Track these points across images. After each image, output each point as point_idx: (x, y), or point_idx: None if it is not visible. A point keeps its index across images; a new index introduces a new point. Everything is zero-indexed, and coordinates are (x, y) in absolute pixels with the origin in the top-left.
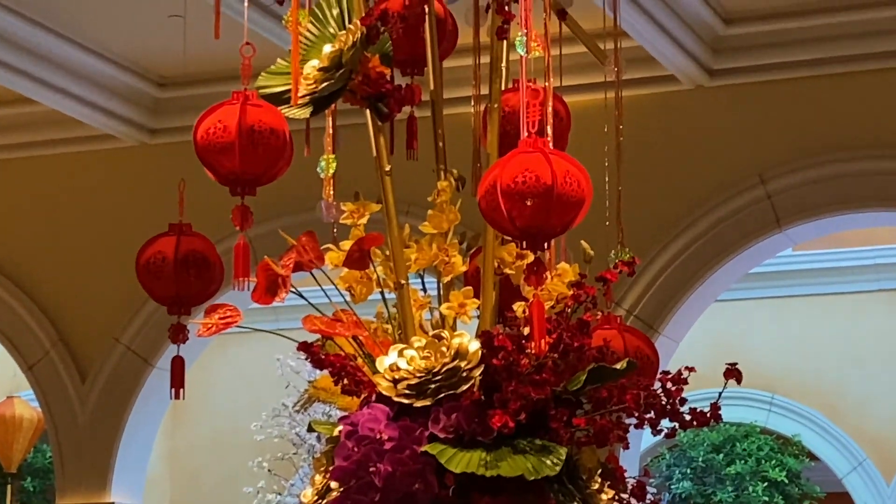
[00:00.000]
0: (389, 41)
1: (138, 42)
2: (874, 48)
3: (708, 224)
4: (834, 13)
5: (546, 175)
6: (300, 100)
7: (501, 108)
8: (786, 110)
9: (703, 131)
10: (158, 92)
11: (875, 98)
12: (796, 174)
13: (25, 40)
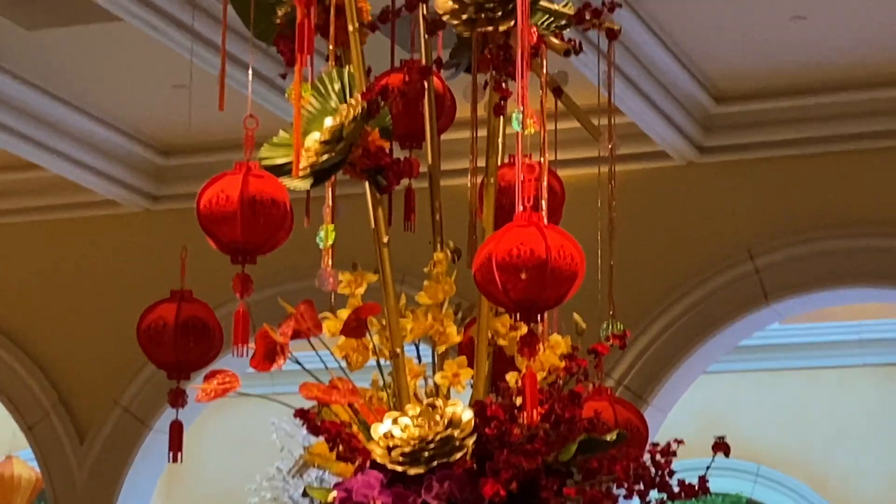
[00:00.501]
0: (389, 116)
1: (143, 111)
2: (861, 128)
3: (697, 298)
4: (822, 94)
5: (540, 249)
6: (301, 172)
7: (497, 182)
8: (775, 187)
9: (693, 206)
10: (162, 159)
11: (862, 177)
12: (784, 250)
13: (31, 107)
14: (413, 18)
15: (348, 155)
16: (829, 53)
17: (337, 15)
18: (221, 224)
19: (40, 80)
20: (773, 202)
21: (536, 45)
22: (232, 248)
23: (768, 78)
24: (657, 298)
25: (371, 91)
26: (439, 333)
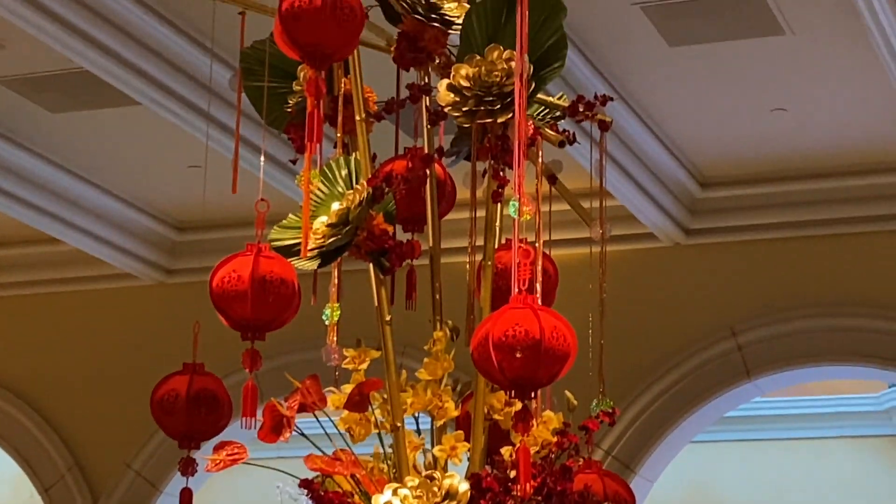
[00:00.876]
0: (393, 201)
1: (160, 189)
2: (839, 214)
3: (682, 372)
4: (801, 181)
5: (535, 330)
6: (309, 253)
7: (494, 264)
8: (757, 268)
9: (679, 285)
10: (176, 235)
11: (839, 260)
12: (766, 328)
13: (54, 184)
14: (416, 109)
15: (354, 238)
16: (808, 143)
17: (345, 105)
18: (233, 302)
19: (63, 160)
20: (755, 282)
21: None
22: (242, 325)
23: (751, 165)
24: (645, 372)
25: (376, 177)
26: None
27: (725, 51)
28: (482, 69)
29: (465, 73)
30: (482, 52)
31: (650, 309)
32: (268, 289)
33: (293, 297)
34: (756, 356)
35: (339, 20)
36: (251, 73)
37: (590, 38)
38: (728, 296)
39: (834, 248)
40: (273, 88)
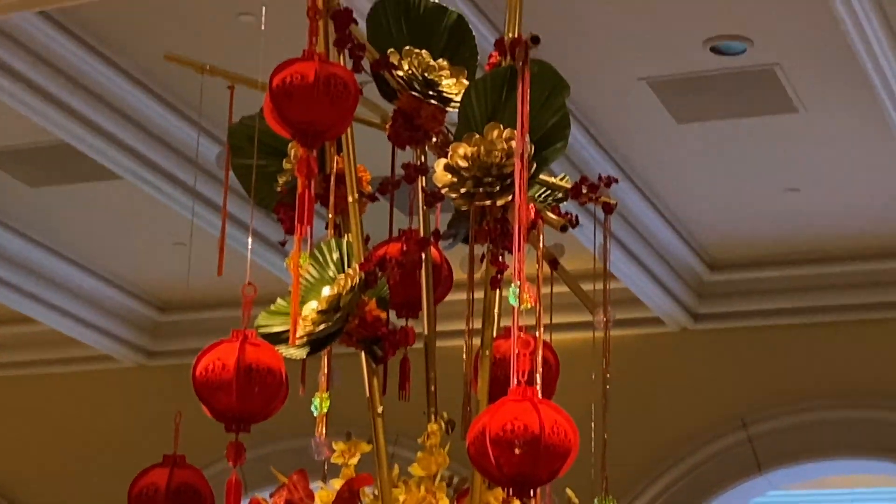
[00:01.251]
0: (387, 286)
1: (142, 267)
2: (854, 300)
3: (690, 465)
4: (814, 264)
5: (534, 425)
6: (298, 341)
7: (493, 354)
8: (768, 356)
9: (687, 373)
10: (159, 315)
11: (854, 348)
12: (777, 419)
13: (31, 261)
14: (412, 190)
15: (345, 325)
16: (821, 224)
17: (337, 184)
18: (217, 392)
19: (40, 235)
20: (767, 370)
21: (534, 219)
22: (226, 416)
23: (762, 247)
24: (650, 466)
25: (369, 261)
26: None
27: (736, 128)
28: (481, 149)
29: (464, 152)
30: (481, 131)
31: (656, 398)
32: (254, 379)
33: (280, 388)
34: (767, 449)
35: (333, 97)
36: (239, 150)
37: (595, 114)
38: (738, 384)
39: (849, 335)
40: (262, 166)
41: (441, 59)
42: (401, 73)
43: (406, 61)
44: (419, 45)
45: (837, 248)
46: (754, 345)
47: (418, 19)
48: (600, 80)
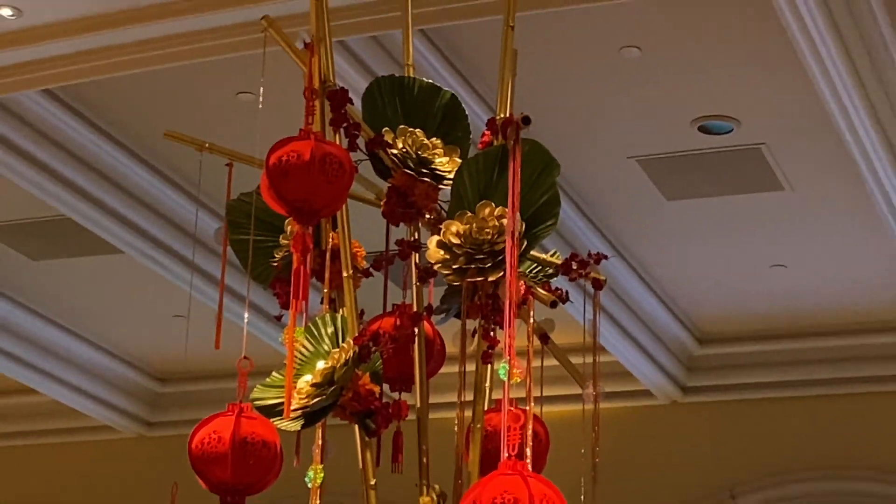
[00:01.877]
0: (380, 360)
1: (141, 339)
2: (841, 374)
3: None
4: (802, 339)
5: (524, 498)
6: (292, 413)
7: (484, 427)
8: (757, 429)
9: (676, 446)
10: (158, 387)
11: (842, 421)
12: (765, 491)
13: (31, 333)
14: (406, 265)
15: (339, 398)
16: (809, 300)
17: (332, 260)
18: (212, 465)
19: (42, 308)
20: (756, 443)
21: (524, 295)
22: (222, 488)
23: (751, 322)
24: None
25: (363, 336)
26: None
27: (724, 205)
28: (473, 226)
29: (456, 229)
30: (473, 209)
31: (646, 470)
32: (249, 451)
33: (275, 460)
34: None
35: (329, 176)
36: (237, 226)
37: (585, 191)
38: (727, 457)
39: (836, 409)
40: (259, 242)
41: (435, 138)
42: (395, 152)
43: (400, 140)
44: (413, 124)
45: (824, 324)
46: (742, 417)
47: (412, 99)
48: (590, 158)
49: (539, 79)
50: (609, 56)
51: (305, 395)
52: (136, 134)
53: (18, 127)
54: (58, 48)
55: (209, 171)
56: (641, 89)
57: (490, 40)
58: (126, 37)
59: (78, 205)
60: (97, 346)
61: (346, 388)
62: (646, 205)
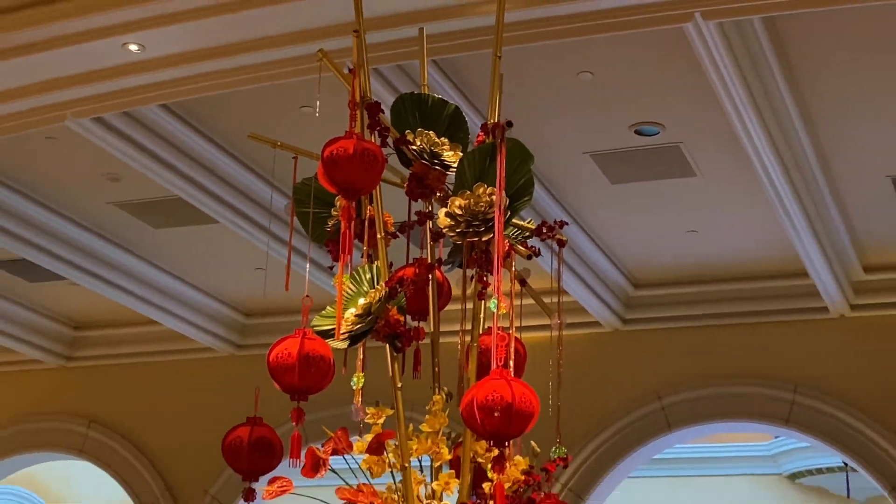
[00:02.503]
0: (404, 297)
1: (232, 285)
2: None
3: (621, 426)
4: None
5: (508, 396)
6: (341, 336)
7: (479, 346)
8: (677, 349)
9: (618, 361)
10: (244, 319)
11: (736, 343)
12: (683, 393)
13: (154, 280)
14: (422, 230)
15: (375, 325)
16: (712, 255)
17: (370, 226)
18: (284, 373)
19: (162, 263)
20: (676, 359)
21: (508, 251)
22: (291, 390)
23: (671, 271)
24: (592, 426)
25: (392, 280)
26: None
27: (652, 187)
28: (471, 201)
29: (459, 203)
30: (471, 189)
31: (596, 379)
32: (310, 363)
33: (329, 369)
34: (675, 414)
35: (366, 164)
36: (301, 202)
37: (552, 177)
38: (655, 369)
39: (734, 334)
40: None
41: (443, 138)
42: (414, 148)
43: (418, 139)
44: (428, 128)
45: (723, 272)
46: (667, 341)
47: (427, 110)
48: (556, 153)
49: (519, 95)
50: (569, 79)
51: (351, 323)
52: (228, 136)
53: (143, 132)
54: (170, 74)
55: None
56: (593, 103)
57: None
58: (221, 65)
59: (186, 187)
60: (201, 290)
61: (379, 318)
62: (596, 187)
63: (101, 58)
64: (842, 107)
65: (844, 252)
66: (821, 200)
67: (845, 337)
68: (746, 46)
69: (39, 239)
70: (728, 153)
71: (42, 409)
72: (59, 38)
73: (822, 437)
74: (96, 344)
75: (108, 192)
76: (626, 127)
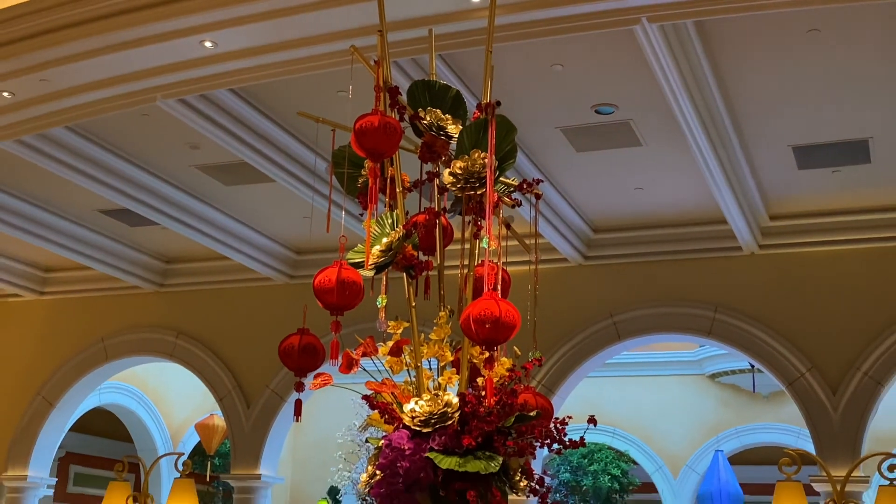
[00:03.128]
0: (417, 237)
1: (286, 229)
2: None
3: (582, 337)
4: (652, 228)
5: (496, 311)
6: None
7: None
8: (626, 278)
9: (581, 288)
10: (295, 256)
11: (672, 274)
12: (631, 312)
13: (226, 225)
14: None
15: (395, 258)
16: (655, 206)
17: (391, 183)
18: (325, 294)
19: (232, 212)
20: (624, 287)
21: (496, 202)
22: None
23: (623, 219)
24: (559, 337)
25: (408, 224)
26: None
27: (609, 155)
28: (468, 163)
29: (459, 165)
30: (469, 154)
31: (563, 301)
32: (346, 287)
33: (361, 292)
34: (625, 327)
35: (388, 134)
36: (338, 164)
37: (530, 145)
38: (608, 294)
39: (667, 267)
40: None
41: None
42: (425, 122)
43: (428, 116)
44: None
45: (663, 220)
46: (618, 272)
47: (435, 93)
48: (534, 126)
49: (505, 82)
50: (545, 70)
51: (376, 257)
52: (282, 113)
53: (216, 110)
54: (237, 65)
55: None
56: (563, 89)
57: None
58: (276, 58)
59: (247, 152)
60: (261, 233)
61: (398, 253)
62: (564, 154)
63: (184, 52)
64: (755, 91)
65: (754, 204)
66: (737, 164)
67: (754, 269)
68: (681, 43)
69: (137, 193)
70: (666, 128)
71: (141, 323)
72: (151, 37)
73: (735, 345)
74: (182, 274)
75: (190, 157)
76: (588, 107)
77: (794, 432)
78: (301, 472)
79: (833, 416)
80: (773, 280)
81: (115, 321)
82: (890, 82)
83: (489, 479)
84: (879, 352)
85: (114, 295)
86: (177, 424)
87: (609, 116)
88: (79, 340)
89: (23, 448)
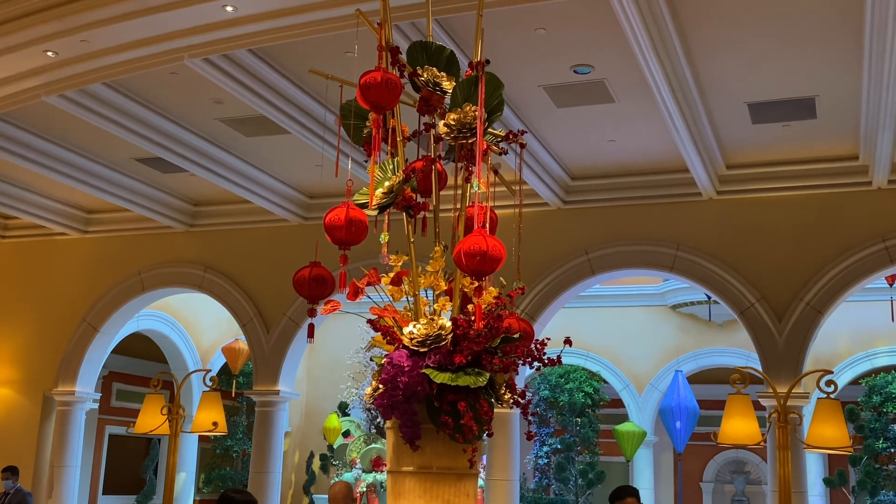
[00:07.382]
0: (416, 181)
1: (300, 175)
2: (643, 193)
3: (560, 272)
4: (624, 176)
5: (484, 246)
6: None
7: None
8: (600, 220)
9: (560, 229)
10: (308, 199)
11: (641, 217)
12: (603, 250)
13: (245, 172)
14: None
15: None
16: (626, 157)
17: (392, 133)
18: (335, 230)
19: (251, 159)
20: (598, 228)
21: (486, 150)
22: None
23: (597, 168)
24: (540, 270)
25: (407, 170)
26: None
27: (585, 111)
28: (461, 116)
29: (452, 117)
30: (461, 107)
31: (544, 240)
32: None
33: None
34: (598, 263)
35: (390, 89)
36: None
37: (516, 101)
38: (584, 234)
39: (636, 211)
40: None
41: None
42: (423, 78)
43: (425, 73)
44: (432, 65)
45: (632, 169)
46: (593, 215)
47: (431, 53)
48: (519, 84)
49: (494, 43)
50: (529, 33)
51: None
52: (295, 71)
53: (237, 68)
54: (255, 27)
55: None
56: (546, 52)
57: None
58: (290, 21)
59: (265, 106)
60: (278, 178)
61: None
62: (546, 109)
63: (207, 16)
64: (716, 51)
65: (713, 154)
66: (698, 118)
67: (712, 213)
68: (651, 10)
69: (169, 143)
70: (636, 86)
71: (173, 258)
72: (179, 2)
73: (694, 279)
74: (209, 216)
75: (214, 111)
76: (567, 67)
77: (745, 355)
78: (315, 388)
79: (778, 341)
80: (729, 222)
81: (151, 257)
82: (834, 46)
83: (478, 392)
84: (820, 285)
85: (149, 234)
86: (205, 347)
87: (586, 76)
88: (118, 273)
89: (71, 367)
